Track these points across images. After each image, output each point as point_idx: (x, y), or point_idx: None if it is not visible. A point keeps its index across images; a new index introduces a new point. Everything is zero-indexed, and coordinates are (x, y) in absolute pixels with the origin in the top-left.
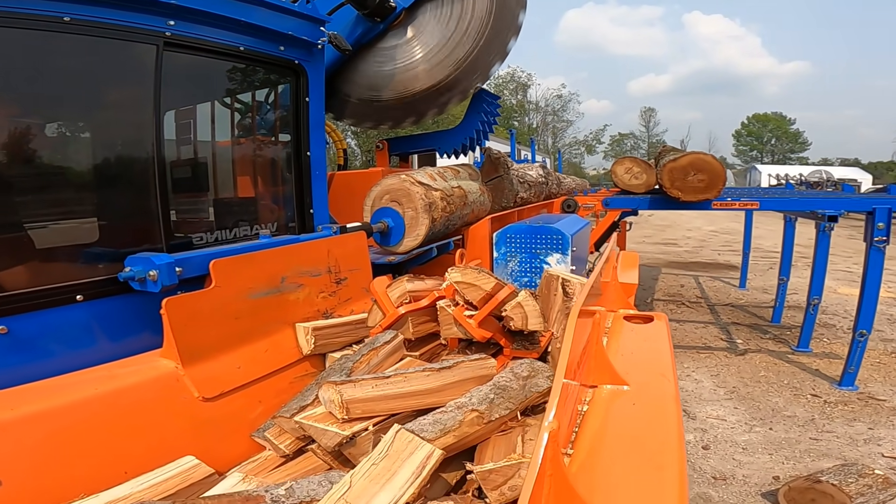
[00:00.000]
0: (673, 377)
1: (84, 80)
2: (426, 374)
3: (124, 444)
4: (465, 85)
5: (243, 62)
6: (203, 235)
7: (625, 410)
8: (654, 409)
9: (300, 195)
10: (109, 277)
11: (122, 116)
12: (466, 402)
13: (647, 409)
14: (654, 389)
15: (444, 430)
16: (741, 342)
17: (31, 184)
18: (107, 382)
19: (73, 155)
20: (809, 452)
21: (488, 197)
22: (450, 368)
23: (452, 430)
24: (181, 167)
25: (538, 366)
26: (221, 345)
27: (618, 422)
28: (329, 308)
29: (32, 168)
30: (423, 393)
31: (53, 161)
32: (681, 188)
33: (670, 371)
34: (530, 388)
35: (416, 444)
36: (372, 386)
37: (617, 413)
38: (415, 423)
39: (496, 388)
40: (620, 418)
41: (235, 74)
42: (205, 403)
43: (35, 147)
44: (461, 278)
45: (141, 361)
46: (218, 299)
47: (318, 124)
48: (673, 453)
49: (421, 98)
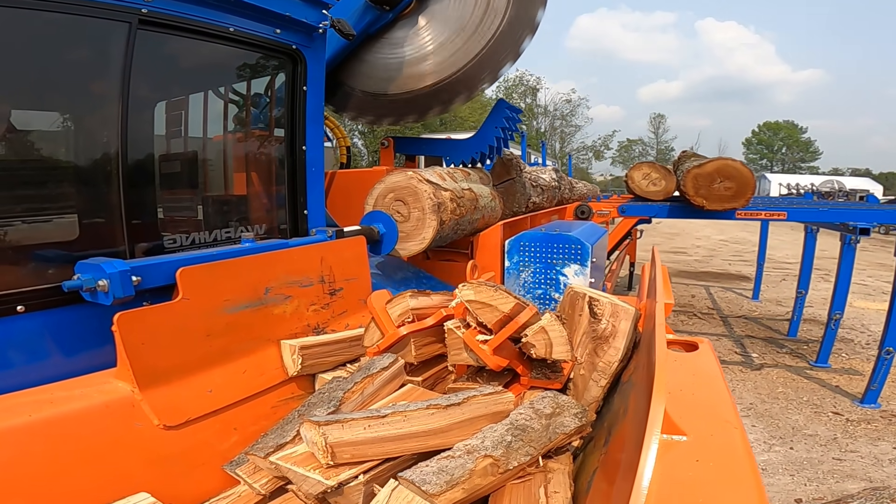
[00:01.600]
0: (739, 424)
1: (40, 60)
2: (430, 411)
3: (68, 480)
4: (474, 84)
5: (233, 45)
6: (176, 238)
7: (687, 470)
8: (725, 468)
9: (293, 194)
10: (56, 285)
11: (82, 103)
12: (478, 445)
13: (715, 468)
14: (720, 441)
15: (451, 482)
16: (757, 356)
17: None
18: (47, 407)
19: (22, 144)
20: (833, 473)
21: (499, 202)
22: (458, 405)
23: (461, 482)
24: (155, 162)
25: (563, 400)
26: (189, 366)
27: (680, 486)
28: (321, 323)
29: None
30: (425, 434)
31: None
32: (706, 196)
33: (734, 416)
34: (555, 429)
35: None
36: (364, 427)
37: (676, 474)
38: (415, 472)
39: (514, 428)
40: (682, 481)
41: (224, 60)
42: (167, 432)
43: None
44: (474, 297)
45: (90, 383)
46: (185, 314)
47: (315, 117)
48: None
49: (427, 94)
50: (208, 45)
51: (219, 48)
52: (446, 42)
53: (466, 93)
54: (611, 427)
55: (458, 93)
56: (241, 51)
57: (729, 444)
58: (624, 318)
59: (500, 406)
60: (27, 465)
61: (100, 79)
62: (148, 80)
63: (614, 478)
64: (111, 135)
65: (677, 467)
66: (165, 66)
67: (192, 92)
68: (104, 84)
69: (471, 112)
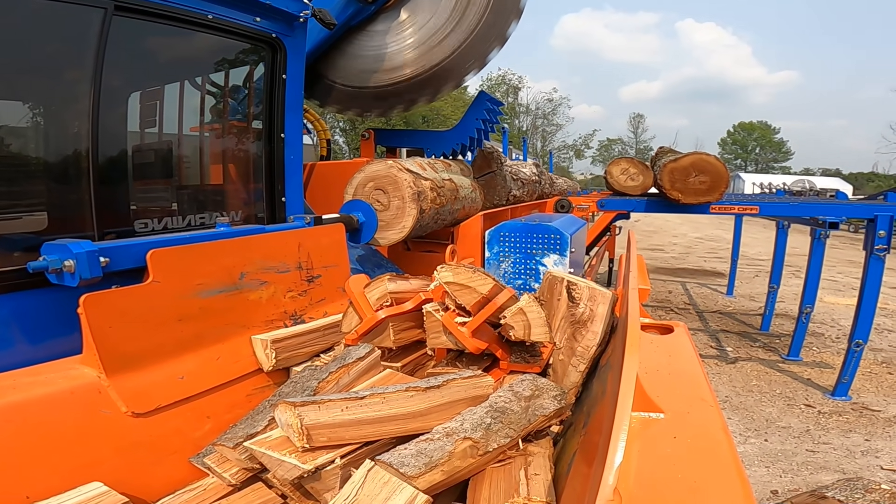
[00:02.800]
0: (714, 402)
1: (11, 45)
2: (409, 394)
3: (30, 468)
4: (461, 71)
5: (211, 33)
6: (148, 222)
7: (665, 447)
8: (702, 443)
9: (271, 181)
10: (20, 267)
11: (55, 88)
12: (458, 427)
13: (693, 444)
14: (697, 418)
15: (429, 464)
16: (731, 350)
17: None
18: (10, 393)
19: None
20: (807, 465)
21: (480, 194)
22: (438, 388)
23: (440, 464)
24: (127, 149)
25: (542, 383)
26: (159, 351)
27: (659, 462)
28: (298, 310)
29: None
30: (404, 417)
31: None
32: (681, 190)
33: (709, 394)
34: (534, 412)
35: (395, 485)
36: (342, 408)
37: (655, 450)
38: (393, 455)
39: (493, 410)
40: (661, 457)
41: (201, 47)
42: (135, 420)
43: None
44: (453, 278)
45: (55, 369)
46: (155, 297)
47: (294, 105)
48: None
49: (412, 85)
50: (185, 33)
51: (197, 36)
52: (430, 32)
53: (453, 81)
54: (590, 411)
55: (445, 82)
56: (219, 39)
57: (705, 420)
58: (601, 301)
59: (480, 390)
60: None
61: (72, 65)
62: (123, 68)
63: (592, 459)
64: (83, 122)
65: (656, 444)
66: (141, 53)
67: (169, 81)
68: (76, 71)
69: (453, 110)
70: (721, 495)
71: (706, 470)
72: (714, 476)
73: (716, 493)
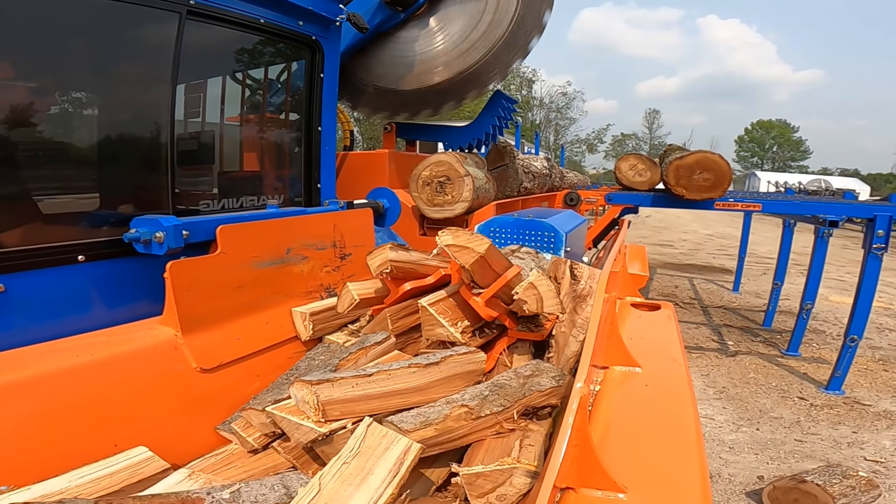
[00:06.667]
0: (684, 361)
1: (101, 44)
2: (412, 370)
3: (118, 415)
4: (484, 80)
5: (262, 35)
6: (210, 203)
7: (638, 392)
8: (668, 390)
9: (308, 169)
10: (112, 239)
11: (139, 84)
12: (458, 397)
13: (660, 391)
14: (667, 372)
15: (425, 422)
16: (732, 344)
17: (43, 145)
18: (104, 349)
19: (86, 120)
20: (794, 454)
21: (493, 185)
22: (437, 364)
23: (434, 423)
24: (192, 137)
25: (544, 366)
26: (222, 314)
27: (632, 402)
28: (332, 283)
29: (45, 130)
30: (408, 391)
31: (65, 124)
32: (686, 186)
33: (680, 356)
34: (531, 387)
35: (392, 438)
36: (352, 385)
37: (630, 394)
38: (396, 417)
39: (493, 385)
40: (634, 399)
41: (252, 47)
42: (202, 375)
43: (49, 110)
44: (452, 241)
45: (140, 328)
46: (222, 266)
47: (330, 101)
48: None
49: (438, 91)
50: (240, 35)
51: (249, 38)
52: (458, 41)
53: (477, 89)
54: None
55: (469, 89)
56: (268, 40)
57: (673, 375)
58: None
59: (474, 365)
60: (90, 399)
61: (154, 64)
62: (192, 66)
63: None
64: (163, 116)
65: (632, 390)
66: (205, 52)
67: (222, 76)
68: (158, 69)
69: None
70: (676, 426)
71: (668, 408)
72: (673, 413)
73: (673, 425)
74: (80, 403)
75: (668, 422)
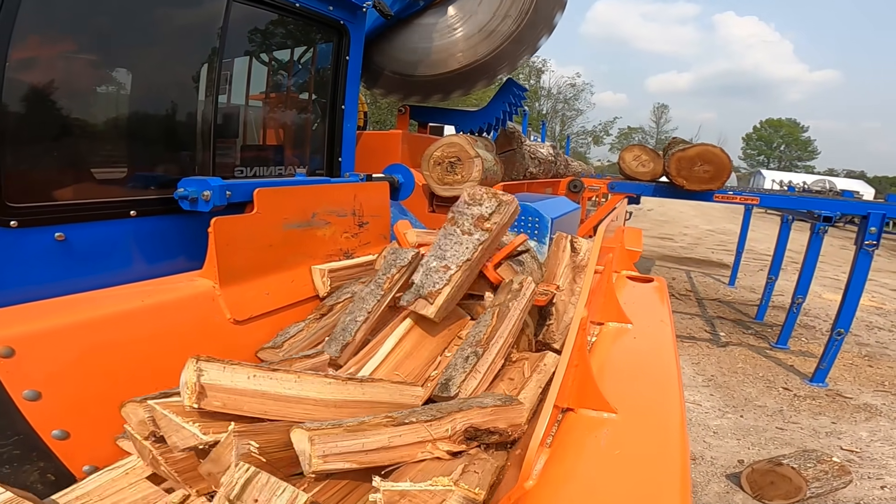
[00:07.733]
0: (670, 323)
1: (160, 23)
2: (327, 381)
3: (161, 356)
4: (493, 72)
5: (295, 18)
6: (244, 170)
7: (629, 342)
8: (655, 342)
9: (332, 144)
10: (161, 197)
11: (190, 62)
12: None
13: (648, 344)
14: (655, 330)
15: (335, 423)
16: (724, 335)
17: (104, 118)
18: (154, 296)
19: (145, 95)
20: (774, 440)
21: (501, 168)
22: (359, 383)
23: (346, 425)
24: (231, 112)
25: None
26: (255, 270)
27: (623, 350)
28: (350, 248)
29: (109, 105)
30: (314, 402)
31: (125, 100)
32: (686, 177)
33: (667, 318)
34: (471, 403)
35: (275, 486)
36: (248, 376)
37: (622, 344)
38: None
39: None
40: (625, 349)
41: (286, 30)
42: (235, 326)
43: (113, 88)
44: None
45: (182, 279)
46: (258, 225)
47: (353, 82)
48: (672, 375)
49: (451, 78)
50: (277, 18)
51: (285, 20)
52: (474, 31)
53: (486, 79)
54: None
55: (479, 78)
56: (299, 23)
57: (660, 331)
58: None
59: (406, 399)
60: (138, 343)
61: (204, 42)
62: (235, 46)
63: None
64: (210, 91)
65: (623, 342)
66: (246, 34)
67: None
68: (206, 49)
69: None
70: (660, 368)
71: (653, 355)
72: (658, 358)
73: (657, 367)
74: (130, 343)
75: (653, 365)
